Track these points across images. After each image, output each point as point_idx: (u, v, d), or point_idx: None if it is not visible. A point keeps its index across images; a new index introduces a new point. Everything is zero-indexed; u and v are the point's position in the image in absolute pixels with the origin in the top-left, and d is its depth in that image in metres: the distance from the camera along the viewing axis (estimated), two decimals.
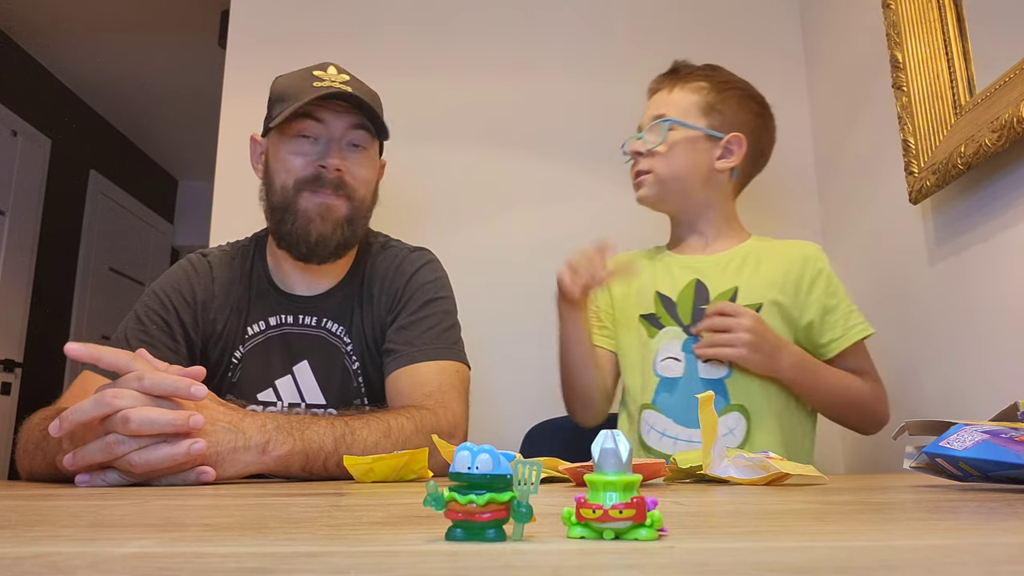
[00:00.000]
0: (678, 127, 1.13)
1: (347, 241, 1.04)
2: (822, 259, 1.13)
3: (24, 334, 3.27)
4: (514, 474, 0.28)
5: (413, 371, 1.00)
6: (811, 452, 1.12)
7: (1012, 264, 0.99)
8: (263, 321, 1.06)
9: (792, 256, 1.13)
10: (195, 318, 1.03)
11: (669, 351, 1.10)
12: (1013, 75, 0.95)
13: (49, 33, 3.19)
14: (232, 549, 0.27)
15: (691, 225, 1.18)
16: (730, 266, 1.14)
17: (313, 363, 1.05)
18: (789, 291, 1.10)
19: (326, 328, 1.06)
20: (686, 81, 1.16)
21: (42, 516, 0.40)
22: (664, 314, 1.13)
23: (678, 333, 1.10)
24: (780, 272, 1.11)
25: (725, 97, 1.15)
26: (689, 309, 1.11)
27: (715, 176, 1.15)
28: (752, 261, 1.14)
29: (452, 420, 0.94)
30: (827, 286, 1.11)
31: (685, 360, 1.09)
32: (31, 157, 3.35)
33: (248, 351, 1.05)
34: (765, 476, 0.67)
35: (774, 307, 1.09)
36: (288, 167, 1.01)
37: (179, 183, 4.76)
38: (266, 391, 1.04)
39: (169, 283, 1.05)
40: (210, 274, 1.07)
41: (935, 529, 0.34)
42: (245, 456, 0.70)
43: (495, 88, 1.71)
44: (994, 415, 0.66)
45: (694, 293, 1.12)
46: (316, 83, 1.01)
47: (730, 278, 1.12)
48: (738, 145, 1.14)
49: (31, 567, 0.23)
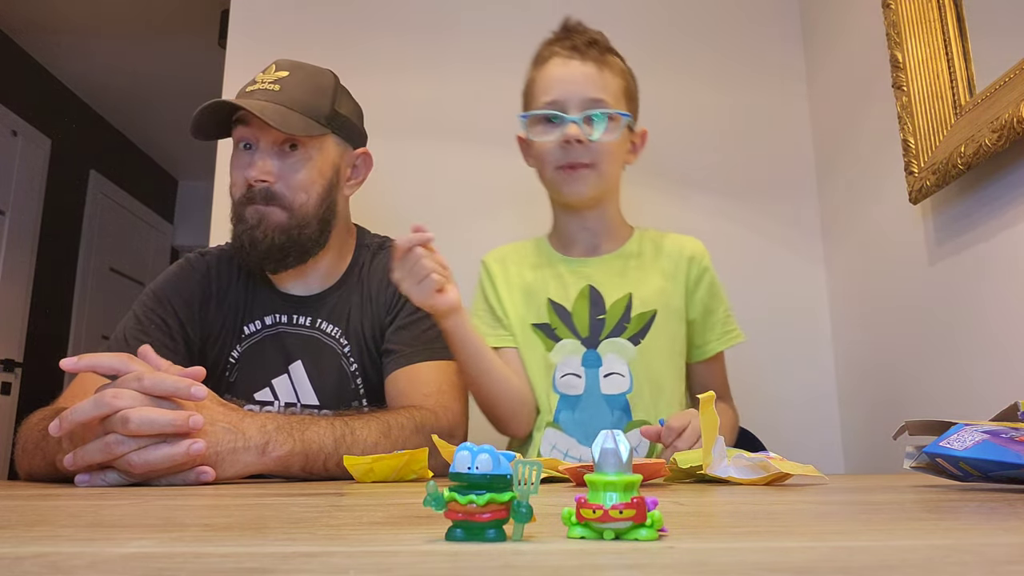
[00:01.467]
0: (617, 118, 1.02)
1: (294, 247, 0.99)
2: (706, 258, 1.11)
3: (24, 334, 3.27)
4: (514, 474, 0.28)
5: (412, 371, 0.99)
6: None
7: (1012, 264, 0.99)
8: (259, 320, 1.05)
9: (678, 254, 1.10)
10: (193, 317, 1.03)
11: (568, 367, 1.04)
12: (1013, 75, 0.95)
13: (49, 33, 3.19)
14: (232, 549, 0.27)
15: (583, 223, 1.10)
16: (619, 269, 1.09)
17: (307, 363, 1.04)
18: (679, 293, 1.09)
19: (320, 329, 1.05)
20: (609, 63, 1.05)
21: (42, 516, 0.40)
22: (560, 325, 1.06)
23: (576, 347, 1.04)
24: (669, 275, 1.09)
25: (633, 84, 1.09)
26: (586, 320, 1.06)
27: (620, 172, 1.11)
28: (640, 263, 1.10)
29: (452, 420, 0.94)
30: (710, 286, 1.10)
31: (585, 376, 1.03)
32: (31, 157, 3.35)
33: (245, 350, 1.04)
34: (765, 476, 0.67)
35: (667, 312, 1.07)
36: (233, 181, 1.01)
37: (179, 183, 4.76)
38: (263, 390, 1.03)
39: (167, 283, 1.05)
40: (208, 273, 1.06)
41: (935, 529, 0.34)
42: (245, 457, 0.70)
43: (495, 88, 1.70)
44: (994, 415, 0.66)
45: (589, 301, 1.06)
46: (249, 87, 0.99)
47: (623, 283, 1.07)
48: (642, 140, 1.11)
49: (31, 567, 0.23)
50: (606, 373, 1.03)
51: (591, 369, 1.03)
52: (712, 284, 1.10)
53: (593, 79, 1.03)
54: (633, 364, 1.03)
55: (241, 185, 1.00)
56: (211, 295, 1.05)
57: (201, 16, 2.89)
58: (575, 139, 1.01)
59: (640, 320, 1.05)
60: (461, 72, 1.71)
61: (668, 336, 1.06)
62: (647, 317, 1.05)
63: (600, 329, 1.05)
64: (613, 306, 1.06)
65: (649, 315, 1.05)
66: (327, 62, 1.09)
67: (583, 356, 1.04)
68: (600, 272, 1.08)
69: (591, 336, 1.05)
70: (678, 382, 1.08)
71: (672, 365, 1.07)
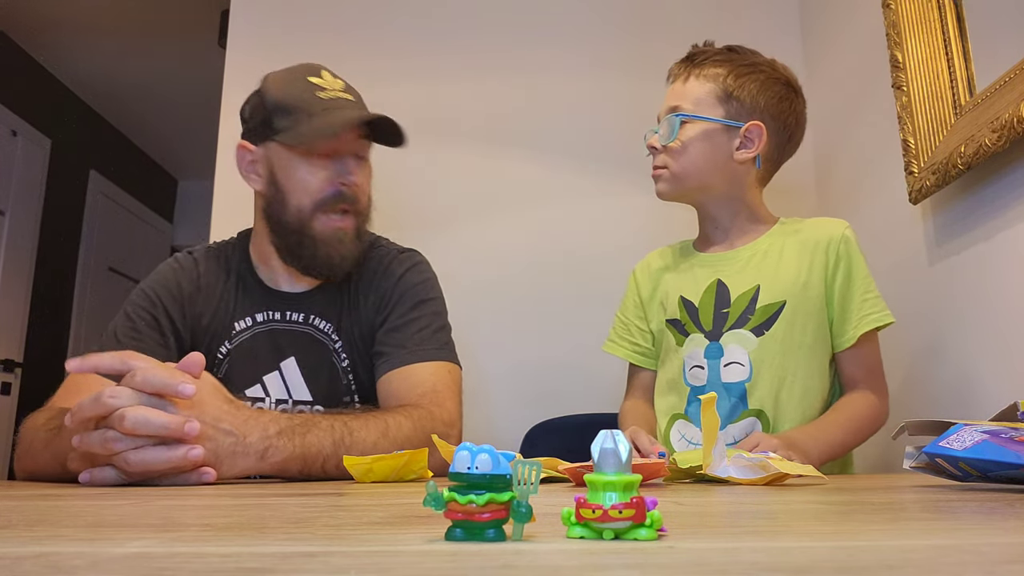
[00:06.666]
0: (692, 120, 1.08)
1: (358, 254, 1.05)
2: (844, 244, 1.07)
3: (24, 334, 3.27)
4: (514, 474, 0.28)
5: (406, 372, 0.99)
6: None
7: (1012, 264, 0.99)
8: (250, 317, 1.05)
9: (814, 242, 1.08)
10: (182, 312, 1.03)
11: (694, 359, 1.08)
12: (1013, 75, 0.95)
13: (49, 33, 3.19)
14: (232, 549, 0.27)
15: (714, 220, 1.14)
16: (752, 262, 1.10)
17: (300, 359, 1.04)
18: (814, 282, 1.06)
19: (313, 325, 1.05)
20: (702, 68, 1.10)
21: (42, 516, 0.40)
22: (688, 321, 1.10)
23: (701, 340, 1.08)
24: (802, 263, 1.07)
25: (744, 83, 1.09)
26: (711, 315, 1.08)
27: (735, 168, 1.09)
28: (775, 253, 1.09)
29: (448, 419, 0.94)
30: (847, 271, 1.06)
31: (708, 367, 1.07)
32: (31, 157, 3.35)
33: (235, 347, 1.04)
34: (765, 476, 0.67)
35: (799, 301, 1.05)
36: (306, 187, 1.00)
37: (179, 183, 4.76)
38: (254, 387, 1.03)
39: (156, 280, 1.05)
40: (196, 269, 1.07)
41: (935, 529, 0.34)
42: (243, 462, 0.71)
43: (495, 88, 1.71)
44: (994, 415, 0.66)
45: (715, 296, 1.09)
46: (319, 92, 0.99)
47: (751, 276, 1.08)
48: (758, 134, 1.08)
49: (31, 567, 0.23)
50: (727, 363, 1.05)
51: (713, 360, 1.06)
52: (849, 269, 1.05)
53: (675, 91, 1.12)
54: (754, 354, 1.04)
55: (320, 190, 1.00)
56: (198, 289, 1.05)
57: (201, 16, 2.89)
58: (649, 146, 1.12)
59: (766, 311, 1.05)
60: (461, 72, 1.71)
61: (798, 326, 1.04)
62: (775, 308, 1.05)
63: (723, 322, 1.07)
64: (738, 299, 1.08)
65: (777, 306, 1.05)
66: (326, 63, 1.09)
67: (706, 348, 1.07)
68: (731, 266, 1.11)
69: (714, 329, 1.08)
70: (808, 373, 1.05)
71: (800, 355, 1.04)
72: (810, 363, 1.05)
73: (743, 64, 1.10)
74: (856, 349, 1.05)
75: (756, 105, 1.08)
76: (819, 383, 1.06)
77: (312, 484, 0.71)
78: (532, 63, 1.71)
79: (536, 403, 1.47)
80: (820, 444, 0.97)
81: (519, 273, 1.61)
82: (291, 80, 1.01)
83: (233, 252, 1.10)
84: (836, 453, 1.00)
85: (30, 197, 3.33)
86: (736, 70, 1.09)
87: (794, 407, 1.03)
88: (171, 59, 3.32)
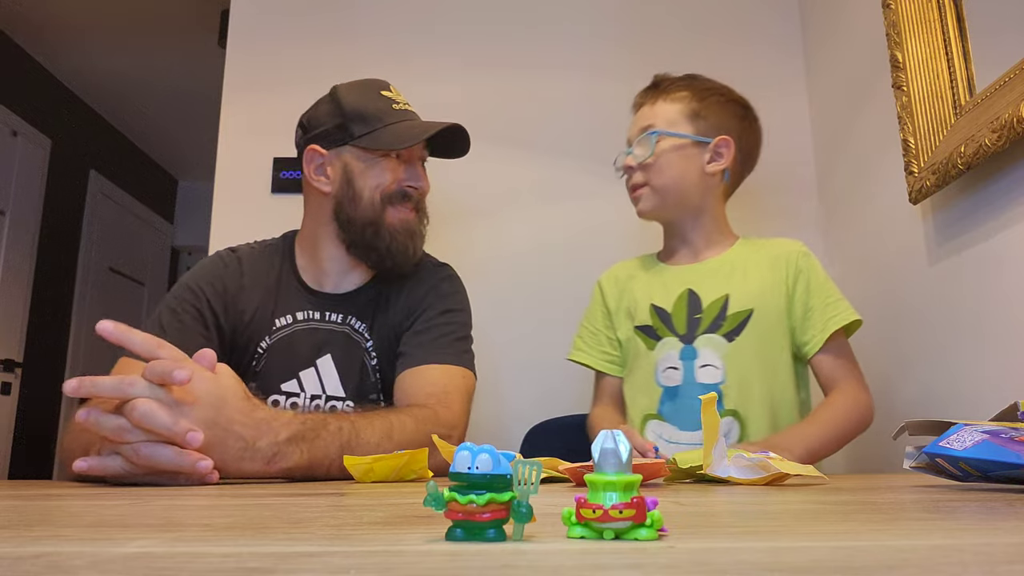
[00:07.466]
0: (665, 137, 1.16)
1: (421, 250, 1.13)
2: (803, 258, 1.15)
3: (24, 334, 3.27)
4: (514, 474, 0.28)
5: (420, 372, 1.02)
6: None
7: (1012, 264, 0.99)
8: (290, 315, 1.10)
9: (775, 256, 1.16)
10: (225, 307, 1.07)
11: (668, 361, 1.13)
12: (1013, 75, 0.95)
13: (49, 33, 3.19)
14: (232, 549, 0.27)
15: (682, 234, 1.21)
16: (720, 272, 1.17)
17: (336, 357, 1.09)
18: (779, 293, 1.13)
19: (350, 325, 1.10)
20: (668, 92, 1.19)
21: (42, 516, 0.40)
22: (660, 326, 1.16)
23: (675, 343, 1.14)
24: (767, 275, 1.14)
25: (708, 103, 1.18)
26: (684, 320, 1.14)
27: (707, 180, 1.17)
28: (740, 266, 1.17)
29: (451, 420, 0.95)
30: (808, 284, 1.13)
31: (683, 368, 1.12)
32: (31, 157, 3.35)
33: (274, 342, 1.08)
34: (765, 476, 0.67)
35: (765, 311, 1.12)
36: (379, 184, 1.09)
37: (179, 183, 4.76)
38: (290, 382, 1.07)
39: (200, 275, 1.09)
40: (239, 267, 1.11)
41: (935, 529, 0.34)
42: (249, 466, 0.71)
43: (496, 89, 1.71)
44: (994, 415, 0.66)
45: (687, 303, 1.15)
46: (394, 106, 1.10)
47: (721, 285, 1.15)
48: (726, 147, 1.16)
49: (31, 567, 0.23)
50: (702, 364, 1.11)
51: (688, 361, 1.12)
52: (810, 282, 1.13)
53: (645, 113, 1.20)
54: (727, 358, 1.10)
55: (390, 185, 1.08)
56: (242, 287, 1.09)
57: (201, 16, 2.90)
58: (624, 166, 1.20)
59: (736, 318, 1.12)
60: (461, 73, 1.71)
61: (763, 335, 1.11)
62: (743, 316, 1.11)
63: (696, 327, 1.13)
64: (710, 306, 1.14)
65: (745, 314, 1.12)
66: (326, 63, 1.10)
67: (681, 351, 1.13)
68: (699, 277, 1.17)
69: (688, 333, 1.13)
70: (771, 380, 1.11)
71: (765, 363, 1.11)
72: (777, 369, 1.12)
73: (704, 88, 1.20)
74: (829, 352, 1.11)
75: (721, 122, 1.17)
76: (788, 388, 1.12)
77: (312, 484, 0.71)
78: (532, 63, 1.71)
79: (536, 403, 1.47)
80: (801, 447, 1.01)
81: (519, 273, 1.61)
82: (365, 92, 1.11)
83: (277, 253, 1.15)
84: (820, 453, 1.04)
85: (30, 197, 3.33)
86: (699, 93, 1.19)
87: (764, 410, 1.09)
88: (171, 59, 3.32)
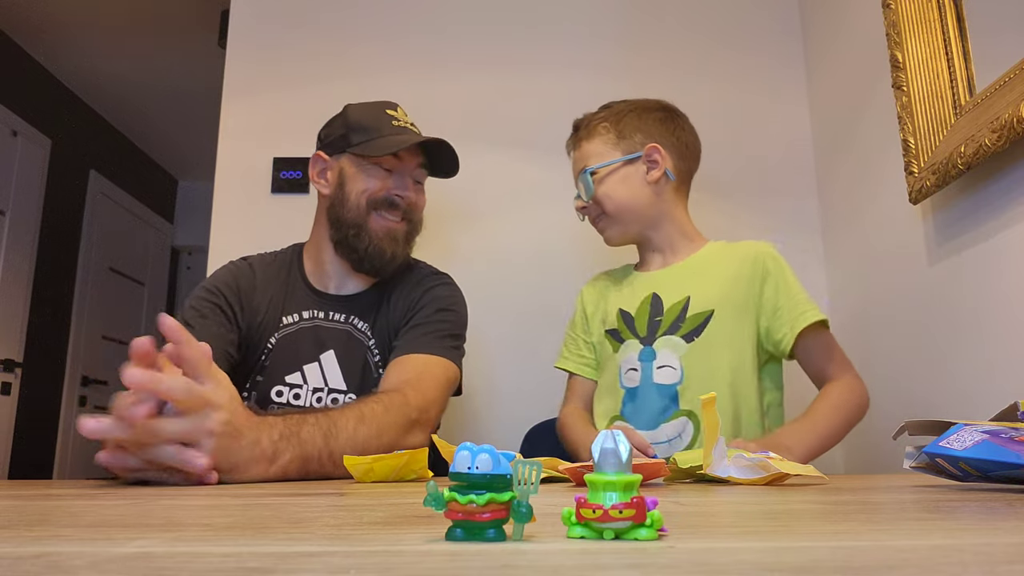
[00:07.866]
0: (599, 170, 1.19)
1: (404, 257, 1.19)
2: (770, 259, 1.15)
3: (24, 334, 3.27)
4: (514, 474, 0.28)
5: (402, 360, 1.07)
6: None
7: (1012, 264, 0.99)
8: (297, 314, 1.17)
9: (741, 258, 1.16)
10: (240, 306, 1.16)
11: (629, 363, 1.15)
12: (1013, 75, 0.95)
13: (49, 33, 3.19)
14: (232, 549, 0.27)
15: (650, 242, 1.24)
16: (683, 275, 1.18)
17: (338, 353, 1.15)
18: (741, 293, 1.13)
19: (352, 324, 1.17)
20: (588, 130, 1.23)
21: (42, 516, 0.40)
22: (624, 328, 1.19)
23: (636, 345, 1.16)
24: (730, 276, 1.15)
25: (625, 123, 1.21)
26: (645, 323, 1.17)
27: (654, 188, 1.19)
28: (705, 267, 1.18)
29: (421, 403, 0.97)
30: (776, 285, 1.13)
31: (642, 369, 1.14)
32: (31, 157, 3.35)
33: (281, 338, 1.16)
34: (765, 476, 0.67)
35: (727, 311, 1.12)
36: (366, 188, 1.16)
37: (179, 183, 4.76)
38: (294, 374, 1.14)
39: (217, 279, 1.18)
40: (252, 272, 1.21)
41: (935, 529, 0.34)
42: (256, 468, 0.73)
43: (496, 89, 1.71)
44: (994, 415, 0.66)
45: (650, 306, 1.18)
46: (394, 122, 1.17)
47: (683, 287, 1.16)
48: (657, 152, 1.18)
49: (31, 567, 0.23)
50: (659, 365, 1.13)
51: (646, 363, 1.14)
52: (777, 283, 1.13)
53: (576, 158, 1.25)
54: (685, 359, 1.11)
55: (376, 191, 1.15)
56: (255, 288, 1.18)
57: (201, 16, 2.89)
58: (578, 210, 1.25)
59: (696, 319, 1.13)
60: (461, 72, 1.71)
61: (724, 335, 1.11)
62: (703, 316, 1.12)
63: (656, 328, 1.15)
64: (670, 308, 1.16)
65: (705, 315, 1.12)
66: (326, 63, 1.10)
67: (640, 352, 1.15)
68: (665, 281, 1.19)
69: (648, 335, 1.16)
70: (736, 378, 1.11)
71: (729, 361, 1.11)
72: (740, 369, 1.11)
73: (618, 111, 1.23)
74: (812, 348, 1.11)
75: (644, 133, 1.20)
76: (751, 388, 1.12)
77: (312, 484, 0.71)
78: (532, 62, 1.71)
79: (536, 403, 1.47)
80: (803, 440, 1.02)
81: (520, 273, 1.61)
82: (370, 108, 1.20)
83: (286, 259, 1.25)
84: (824, 444, 1.05)
85: (30, 197, 3.33)
86: (614, 117, 1.22)
87: (724, 410, 1.09)
88: (171, 59, 3.32)
